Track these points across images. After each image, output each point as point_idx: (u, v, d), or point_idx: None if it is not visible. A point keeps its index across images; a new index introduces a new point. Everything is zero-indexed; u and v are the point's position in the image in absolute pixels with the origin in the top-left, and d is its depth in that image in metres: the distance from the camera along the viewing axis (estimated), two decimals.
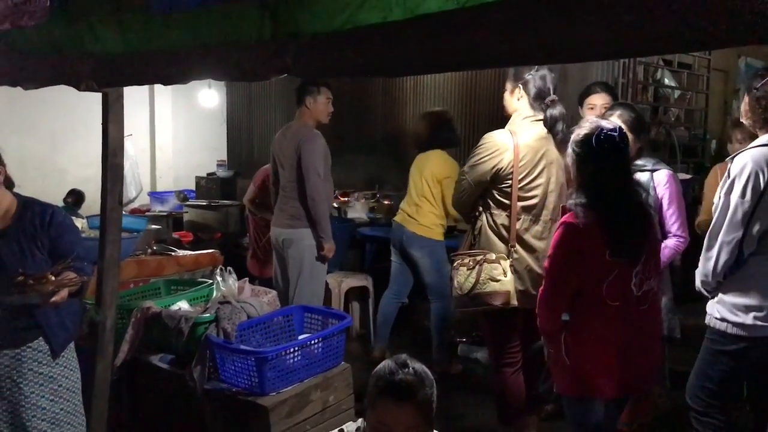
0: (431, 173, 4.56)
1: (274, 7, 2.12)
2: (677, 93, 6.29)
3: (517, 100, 3.31)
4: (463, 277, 3.25)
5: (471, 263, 3.24)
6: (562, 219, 2.49)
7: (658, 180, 3.31)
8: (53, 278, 2.52)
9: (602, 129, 2.40)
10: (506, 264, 3.20)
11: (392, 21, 1.79)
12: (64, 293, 2.53)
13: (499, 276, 3.18)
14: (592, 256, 2.39)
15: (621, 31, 1.46)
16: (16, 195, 2.72)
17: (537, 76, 3.24)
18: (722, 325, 2.74)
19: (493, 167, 3.22)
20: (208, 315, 3.05)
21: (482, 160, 3.25)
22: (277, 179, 4.40)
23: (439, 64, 2.01)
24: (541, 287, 2.57)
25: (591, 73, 4.60)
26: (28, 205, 2.70)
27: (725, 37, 1.37)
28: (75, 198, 6.18)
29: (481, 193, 3.32)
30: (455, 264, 3.32)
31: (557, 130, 3.20)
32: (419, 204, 4.61)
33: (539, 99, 3.24)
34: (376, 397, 1.83)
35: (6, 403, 2.67)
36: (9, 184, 2.71)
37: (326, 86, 4.35)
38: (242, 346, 2.94)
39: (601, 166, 2.41)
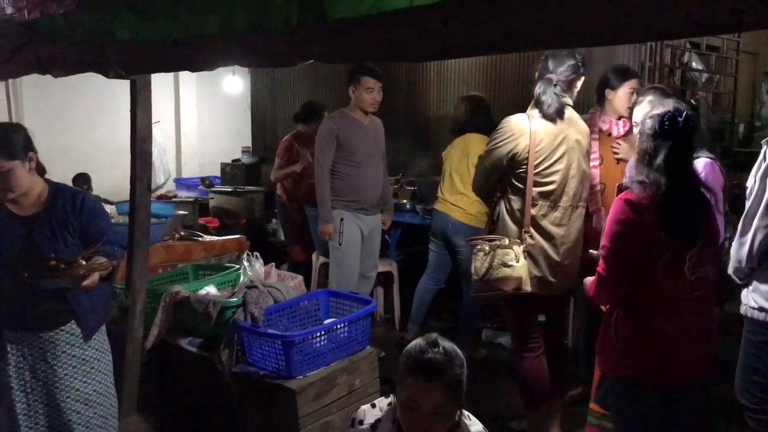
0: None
1: None
2: (705, 76, 6.19)
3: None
4: (480, 263, 3.26)
5: (487, 248, 3.26)
6: (619, 196, 2.49)
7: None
8: (84, 263, 2.57)
9: (672, 111, 2.39)
10: (519, 249, 3.20)
11: (418, 5, 1.79)
12: (95, 277, 2.58)
13: (511, 261, 3.19)
14: (648, 232, 2.37)
15: (651, 12, 1.45)
16: (48, 181, 2.77)
17: (557, 59, 3.22)
18: (761, 315, 2.68)
19: (509, 152, 3.22)
20: (235, 299, 3.09)
21: (498, 144, 3.24)
22: None
23: (465, 48, 2.01)
24: (598, 266, 2.51)
25: (617, 56, 4.55)
26: (59, 191, 2.75)
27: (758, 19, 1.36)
28: (85, 182, 6.23)
29: (500, 178, 3.32)
30: (474, 249, 3.33)
31: (543, 110, 3.22)
32: (464, 192, 4.53)
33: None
34: (406, 374, 1.86)
35: (41, 384, 2.73)
36: (41, 170, 2.75)
37: (370, 74, 4.35)
38: (269, 330, 2.98)
39: (662, 147, 2.38)
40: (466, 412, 1.99)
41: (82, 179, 6.30)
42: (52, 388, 2.73)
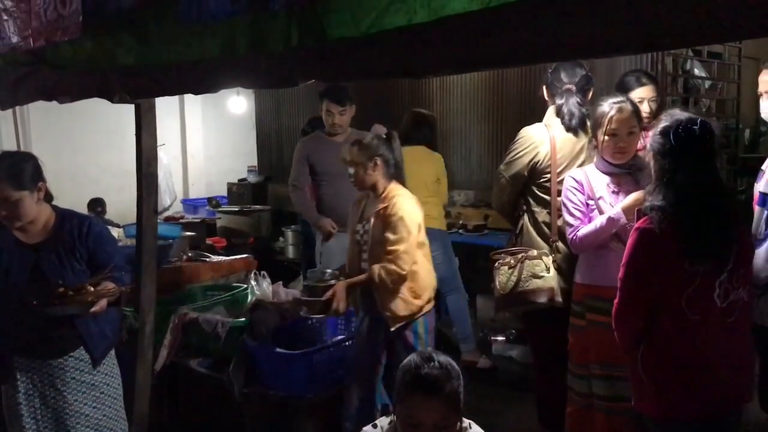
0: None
1: (300, 14, 2.15)
2: (708, 83, 6.19)
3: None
4: (505, 277, 3.14)
5: (512, 262, 3.15)
6: (637, 224, 2.28)
7: None
8: (92, 289, 2.59)
9: (681, 122, 2.18)
10: (548, 260, 3.12)
11: (418, 23, 1.81)
12: (103, 303, 2.59)
13: (542, 272, 3.09)
14: (669, 264, 2.16)
15: (650, 24, 1.46)
16: (54, 208, 2.79)
17: (568, 69, 3.21)
18: None
19: (530, 161, 3.19)
20: (243, 319, 3.10)
21: (518, 155, 3.22)
22: None
23: (465, 64, 2.02)
24: (615, 300, 2.31)
25: (619, 65, 4.55)
26: (66, 218, 2.77)
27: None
28: (99, 206, 6.35)
29: (521, 191, 3.29)
30: (496, 264, 3.22)
31: (565, 122, 3.19)
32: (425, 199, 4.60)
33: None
34: (404, 391, 1.87)
35: (51, 411, 2.74)
36: (48, 198, 2.77)
37: (328, 97, 4.38)
38: (278, 349, 2.98)
39: (679, 163, 2.16)
40: (467, 420, 1.98)
41: (97, 204, 6.39)
42: (62, 414, 2.73)
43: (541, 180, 3.21)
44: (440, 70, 2.57)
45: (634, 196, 2.76)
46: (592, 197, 2.90)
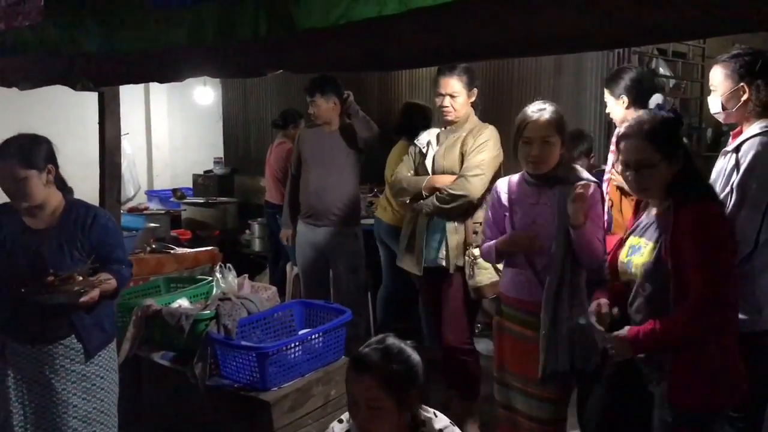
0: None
1: (269, 4, 2.13)
2: (672, 82, 6.28)
3: None
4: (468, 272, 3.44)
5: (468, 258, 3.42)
6: (696, 208, 2.14)
7: None
8: (80, 278, 2.54)
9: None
10: None
11: (387, 15, 1.80)
12: (94, 293, 2.54)
13: (486, 266, 3.36)
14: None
15: (620, 21, 1.47)
16: (65, 196, 2.76)
17: None
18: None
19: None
20: (208, 312, 3.06)
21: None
22: None
23: (435, 57, 2.02)
24: (702, 286, 2.08)
25: (586, 63, 4.61)
26: (73, 206, 2.73)
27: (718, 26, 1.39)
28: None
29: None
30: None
31: None
32: (388, 195, 4.65)
33: None
34: (347, 369, 1.96)
35: (38, 397, 2.68)
36: (62, 185, 2.75)
37: (306, 89, 4.36)
38: (243, 342, 2.95)
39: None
40: (431, 410, 2.01)
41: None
42: (49, 402, 2.67)
43: None
44: (410, 63, 2.58)
45: (516, 236, 2.74)
46: (507, 207, 2.82)
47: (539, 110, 2.66)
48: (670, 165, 2.17)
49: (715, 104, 2.64)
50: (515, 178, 2.84)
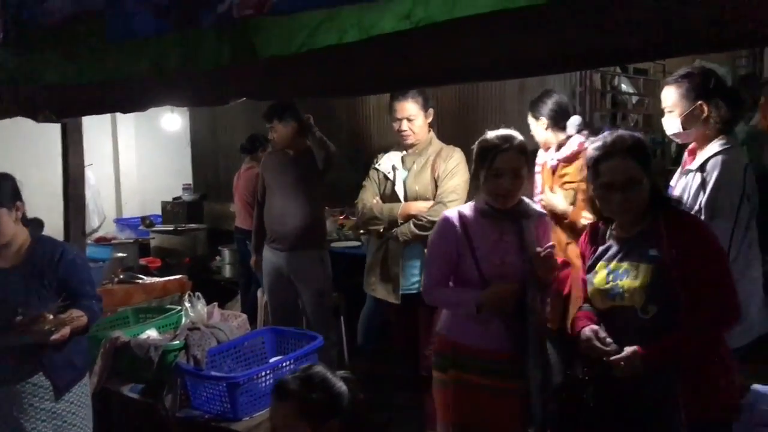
0: None
1: (231, 32, 2.13)
2: (635, 99, 6.40)
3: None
4: None
5: None
6: None
7: None
8: (50, 317, 2.50)
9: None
10: None
11: (348, 42, 1.82)
12: (65, 331, 2.51)
13: None
14: None
15: (575, 44, 1.50)
16: (31, 233, 2.73)
17: None
18: None
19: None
20: (177, 342, 3.03)
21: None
22: None
23: (395, 83, 2.04)
24: (723, 294, 2.10)
25: (549, 82, 4.66)
26: (39, 243, 2.70)
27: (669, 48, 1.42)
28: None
29: None
30: None
31: None
32: None
33: None
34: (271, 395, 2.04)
35: None
36: (26, 222, 2.72)
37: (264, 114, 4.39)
38: (213, 372, 2.92)
39: None
40: None
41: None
42: None
43: None
44: (371, 89, 2.59)
45: (502, 291, 2.42)
46: (464, 243, 2.49)
47: (508, 139, 2.44)
48: (649, 180, 2.16)
49: (672, 124, 2.66)
50: (465, 209, 2.56)
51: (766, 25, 1.18)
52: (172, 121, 7.97)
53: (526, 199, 2.59)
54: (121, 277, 4.50)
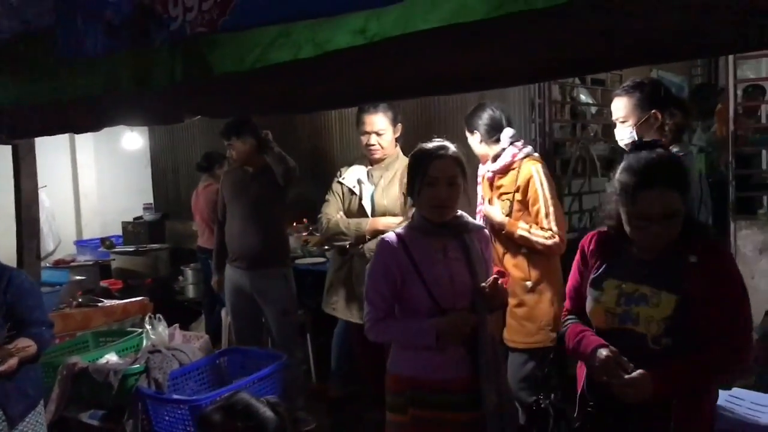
0: None
1: (184, 49, 2.10)
2: (594, 109, 6.49)
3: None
4: None
5: None
6: None
7: None
8: None
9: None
10: None
11: (303, 58, 1.80)
12: (12, 362, 2.47)
13: None
14: None
15: (528, 57, 1.51)
16: None
17: None
18: None
19: None
20: (137, 366, 2.97)
21: None
22: None
23: (350, 98, 2.03)
24: (746, 322, 2.02)
25: (508, 94, 4.70)
26: None
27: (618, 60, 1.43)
28: None
29: None
30: None
31: None
32: None
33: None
34: None
35: None
36: None
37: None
38: (175, 396, 2.86)
39: None
40: None
41: None
42: None
43: None
44: (326, 105, 2.57)
45: (461, 318, 2.28)
46: (408, 268, 2.31)
47: (442, 147, 2.33)
48: (685, 207, 1.99)
49: (625, 134, 2.70)
50: (402, 231, 2.38)
51: (710, 36, 1.19)
52: (132, 139, 7.86)
53: (464, 213, 2.45)
54: (80, 300, 4.40)
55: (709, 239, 2.08)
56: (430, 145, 2.35)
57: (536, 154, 3.30)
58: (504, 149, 3.22)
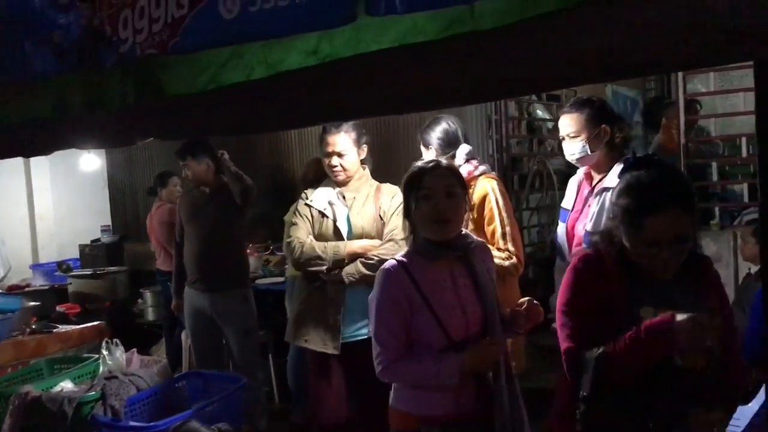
0: None
1: (135, 71, 2.08)
2: (550, 124, 6.60)
3: None
4: None
5: None
6: None
7: None
8: None
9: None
10: None
11: (255, 79, 1.79)
12: None
13: None
14: None
15: (472, 77, 1.52)
16: None
17: None
18: None
19: None
20: (93, 393, 2.90)
21: None
22: None
23: (303, 118, 2.03)
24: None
25: (466, 111, 4.75)
26: None
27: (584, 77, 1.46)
28: None
29: None
30: None
31: None
32: None
33: None
34: None
35: None
36: None
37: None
38: (132, 423, 2.80)
39: None
40: None
41: None
42: None
43: None
44: (280, 125, 2.57)
45: (487, 349, 2.12)
46: (416, 300, 2.12)
47: (435, 161, 2.23)
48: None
49: (577, 149, 2.77)
50: (403, 258, 2.19)
51: (653, 54, 1.22)
52: (89, 161, 7.74)
53: (467, 231, 2.29)
54: (34, 327, 4.29)
55: (697, 251, 2.00)
56: (420, 162, 2.24)
57: (493, 173, 3.27)
58: (459, 166, 3.19)
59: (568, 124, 2.80)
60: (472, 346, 2.10)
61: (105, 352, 3.27)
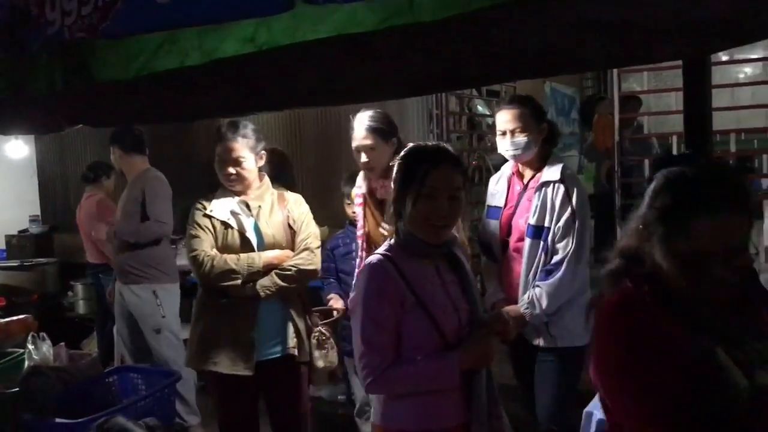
0: None
1: (64, 56, 2.00)
2: (491, 120, 6.67)
3: None
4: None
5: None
6: None
7: None
8: None
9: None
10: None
11: (189, 66, 1.75)
12: None
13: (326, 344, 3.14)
14: None
15: (411, 70, 1.52)
16: None
17: None
18: None
19: None
20: (16, 389, 2.79)
21: None
22: None
23: (239, 106, 1.99)
24: None
25: (407, 105, 4.76)
26: None
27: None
28: None
29: None
30: None
31: None
32: None
33: None
34: None
35: None
36: None
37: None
38: (58, 420, 2.70)
39: None
40: None
41: None
42: None
43: None
44: (216, 113, 2.51)
45: (485, 339, 1.99)
46: (408, 297, 1.92)
47: (442, 151, 1.95)
48: None
49: (521, 144, 2.77)
50: (390, 252, 1.99)
51: (586, 52, 1.24)
52: (17, 148, 7.46)
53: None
54: None
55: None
56: (425, 147, 1.97)
57: None
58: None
59: (509, 119, 2.77)
60: (468, 342, 1.95)
61: (31, 347, 3.15)
